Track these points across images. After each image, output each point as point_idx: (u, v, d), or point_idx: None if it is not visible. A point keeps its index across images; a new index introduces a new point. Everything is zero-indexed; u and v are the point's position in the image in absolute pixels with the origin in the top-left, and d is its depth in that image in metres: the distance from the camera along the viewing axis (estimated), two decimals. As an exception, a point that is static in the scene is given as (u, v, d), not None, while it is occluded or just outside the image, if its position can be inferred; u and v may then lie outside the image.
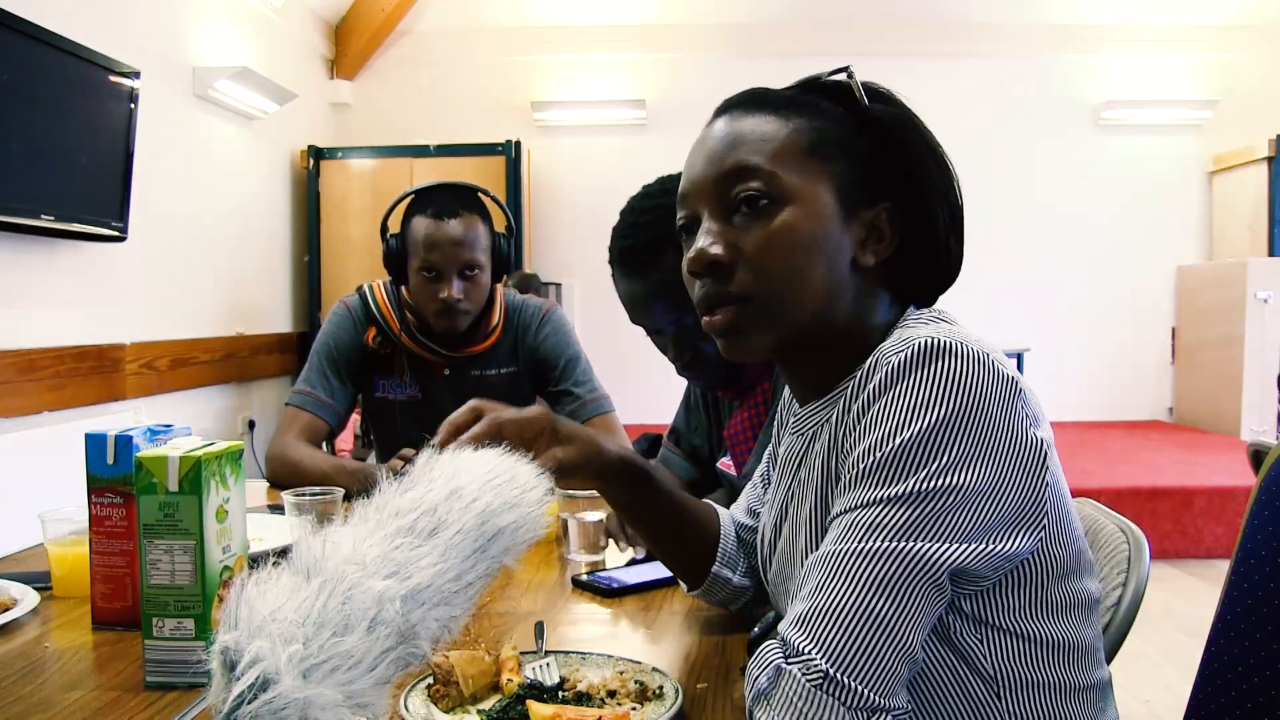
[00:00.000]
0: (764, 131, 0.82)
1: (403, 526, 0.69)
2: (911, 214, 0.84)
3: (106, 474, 1.02)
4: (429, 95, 5.76)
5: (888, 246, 0.83)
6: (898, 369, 0.72)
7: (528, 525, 0.76)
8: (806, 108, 0.84)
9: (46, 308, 3.11)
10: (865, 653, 0.66)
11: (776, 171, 0.80)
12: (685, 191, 0.86)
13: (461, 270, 1.86)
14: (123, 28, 3.47)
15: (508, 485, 0.76)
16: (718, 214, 0.82)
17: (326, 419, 1.92)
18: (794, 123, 0.82)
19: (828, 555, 0.71)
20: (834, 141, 0.82)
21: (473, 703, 0.84)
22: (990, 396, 0.71)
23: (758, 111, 0.83)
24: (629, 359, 5.60)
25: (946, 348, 0.71)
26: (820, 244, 0.80)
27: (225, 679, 0.58)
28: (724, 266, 0.81)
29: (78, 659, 0.97)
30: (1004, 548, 0.71)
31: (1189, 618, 3.30)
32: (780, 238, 0.79)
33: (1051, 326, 5.93)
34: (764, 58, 5.68)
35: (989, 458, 0.70)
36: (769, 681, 0.69)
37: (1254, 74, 5.83)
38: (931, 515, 0.68)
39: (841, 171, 0.82)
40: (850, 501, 0.72)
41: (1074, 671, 0.78)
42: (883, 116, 0.84)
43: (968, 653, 0.75)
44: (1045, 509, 0.73)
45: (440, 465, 0.76)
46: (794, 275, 0.80)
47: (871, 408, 0.73)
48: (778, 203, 0.80)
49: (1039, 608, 0.76)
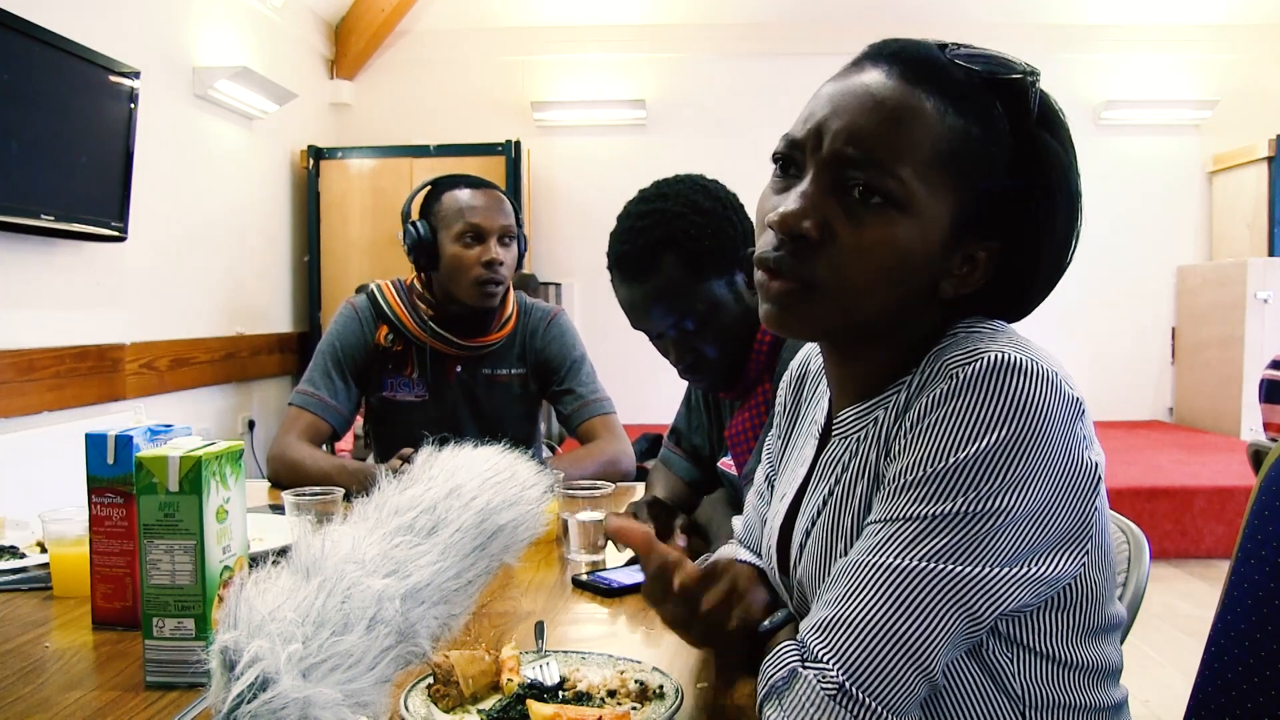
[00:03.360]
0: (909, 118, 0.71)
1: (402, 525, 0.69)
2: (1016, 260, 0.76)
3: (107, 474, 1.02)
4: (429, 95, 5.76)
5: (974, 285, 0.76)
6: (964, 382, 0.68)
7: (527, 523, 0.76)
8: (972, 105, 0.73)
9: (46, 308, 3.11)
10: (882, 670, 0.65)
11: (904, 174, 0.71)
12: (799, 138, 0.75)
13: (501, 236, 1.90)
14: (123, 28, 3.46)
15: (507, 483, 0.76)
16: (823, 180, 0.73)
17: (329, 420, 1.92)
18: (950, 120, 0.72)
19: (859, 564, 0.69)
20: (981, 159, 0.73)
21: (473, 703, 0.84)
22: (1055, 420, 0.67)
23: (913, 85, 0.72)
24: (628, 359, 5.60)
25: (1019, 366, 0.68)
26: (913, 265, 0.73)
27: (225, 678, 0.58)
28: (808, 243, 0.73)
29: (78, 659, 0.97)
30: (1044, 571, 0.69)
31: (1189, 618, 3.30)
32: (879, 247, 0.72)
33: (1051, 326, 5.90)
34: (764, 57, 5.68)
35: (1044, 481, 0.67)
36: (783, 682, 0.68)
37: (1254, 74, 5.83)
38: (974, 539, 0.66)
39: (970, 192, 0.73)
40: (892, 511, 0.70)
41: (1098, 693, 0.78)
42: (1043, 150, 0.75)
43: (998, 672, 0.74)
44: (1091, 534, 0.72)
45: (439, 463, 0.76)
46: (873, 287, 0.73)
47: (929, 416, 0.69)
48: (892, 206, 0.72)
49: (1077, 633, 0.75)
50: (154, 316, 3.75)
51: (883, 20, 5.73)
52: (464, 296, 1.90)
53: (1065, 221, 0.77)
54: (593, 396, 2.00)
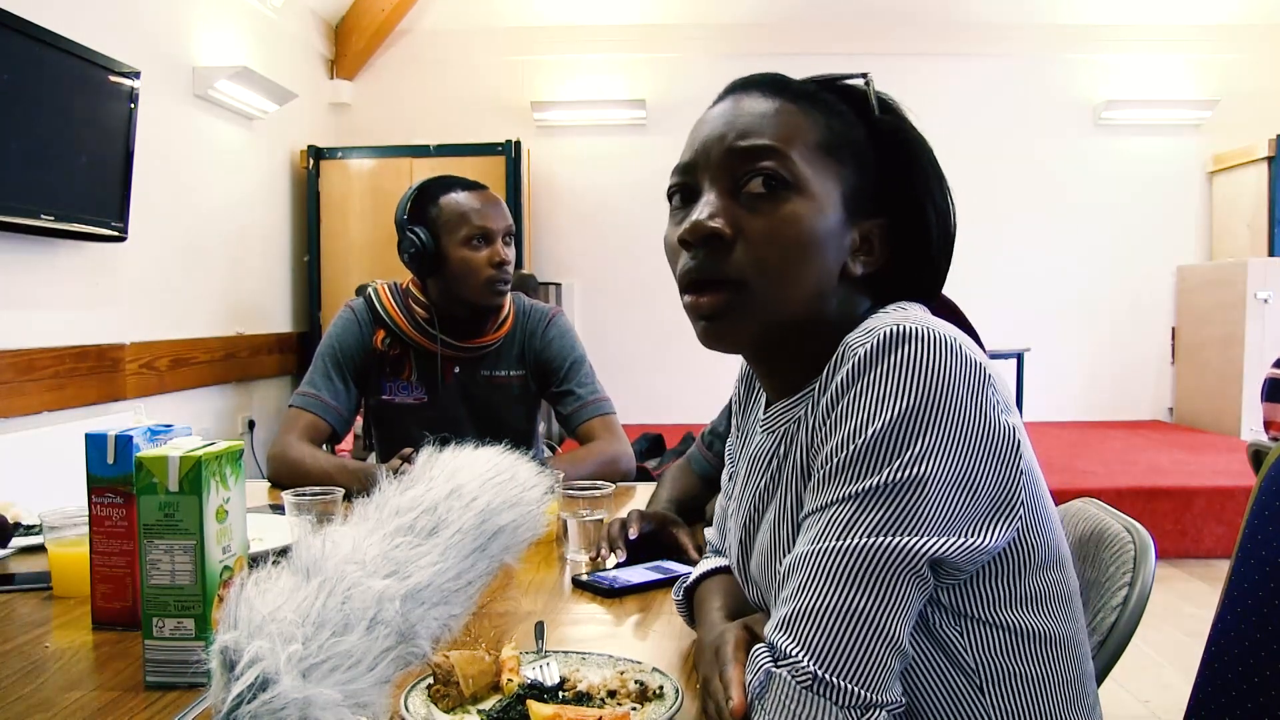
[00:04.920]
0: (784, 117, 0.80)
1: (402, 525, 0.69)
2: (905, 233, 0.83)
3: (107, 474, 1.02)
4: (429, 95, 5.76)
5: (876, 261, 0.83)
6: (864, 359, 0.71)
7: (528, 524, 0.76)
8: (823, 104, 0.82)
9: (46, 308, 3.11)
10: (851, 650, 0.66)
11: (793, 158, 0.78)
12: (689, 161, 0.82)
13: (504, 235, 1.91)
14: (123, 28, 3.47)
15: (508, 484, 0.76)
16: (723, 188, 0.79)
17: (329, 421, 1.92)
18: (812, 116, 0.80)
19: (805, 555, 0.70)
20: (848, 144, 0.81)
21: (473, 703, 0.84)
22: (958, 382, 0.69)
23: (776, 96, 0.81)
24: (628, 359, 5.63)
25: (910, 333, 0.70)
26: (821, 241, 0.78)
27: (225, 679, 0.58)
28: (722, 243, 0.78)
29: (78, 659, 0.97)
30: (981, 540, 0.70)
31: (1189, 618, 3.30)
32: (787, 226, 0.77)
33: (1051, 326, 5.93)
34: (764, 57, 5.67)
35: (960, 445, 0.69)
36: (760, 686, 0.69)
37: (1254, 74, 5.83)
38: (906, 508, 0.68)
39: (850, 176, 0.80)
40: (824, 499, 0.71)
41: (1055, 665, 0.77)
42: (896, 131, 0.83)
43: (948, 646, 0.75)
44: (1020, 498, 0.72)
45: (440, 464, 0.76)
46: (791, 268, 0.78)
47: (840, 401, 0.72)
48: (789, 189, 0.78)
49: (1017, 598, 0.75)
50: (154, 316, 3.75)
51: (882, 20, 5.73)
52: (473, 298, 1.90)
53: (939, 189, 0.84)
54: (592, 397, 1.99)
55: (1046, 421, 5.87)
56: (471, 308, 1.93)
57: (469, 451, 0.80)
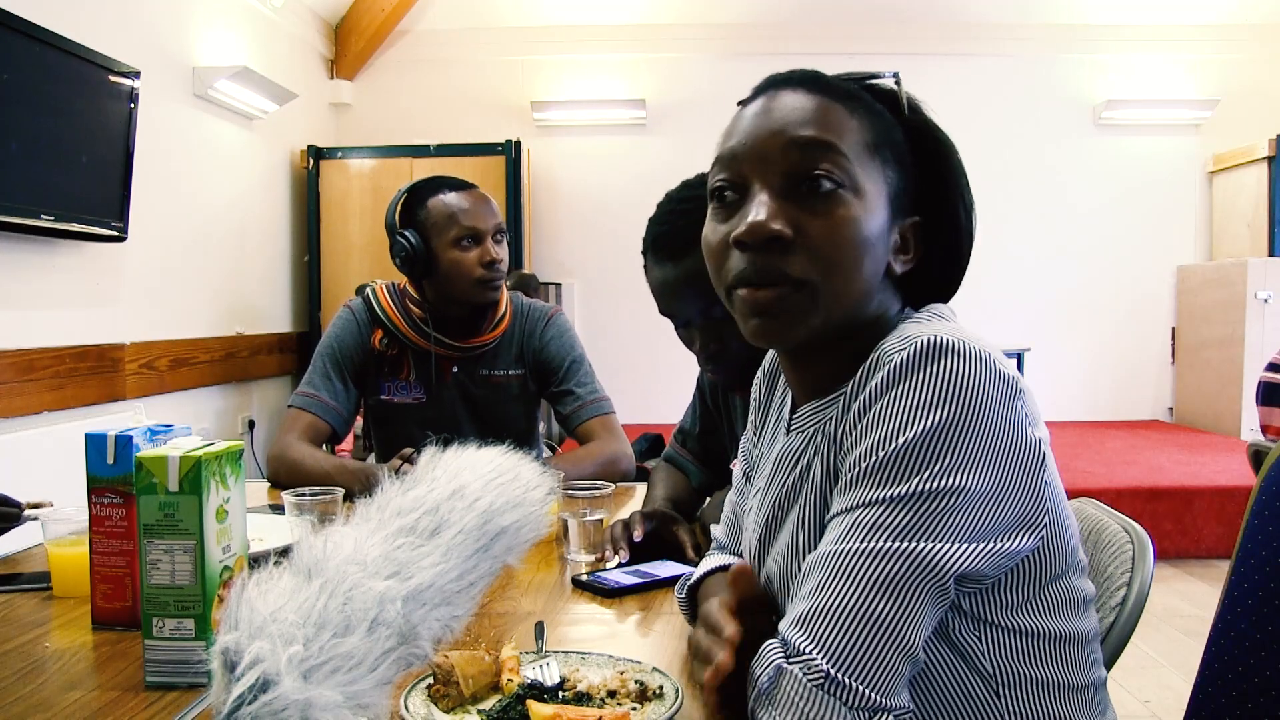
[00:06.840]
0: (835, 115, 0.79)
1: (404, 526, 0.69)
2: (935, 233, 0.85)
3: (106, 474, 1.02)
4: (429, 95, 5.76)
5: (912, 260, 0.84)
6: (900, 367, 0.71)
7: (530, 524, 0.76)
8: (864, 104, 0.81)
9: (46, 308, 3.11)
10: (866, 653, 0.66)
11: (851, 159, 0.77)
12: (737, 153, 0.80)
13: (494, 234, 1.91)
14: (123, 28, 3.46)
15: (511, 484, 0.76)
16: (777, 187, 0.78)
17: (329, 421, 1.92)
18: (858, 115, 0.80)
19: (828, 555, 0.71)
20: (890, 144, 0.81)
21: (473, 703, 0.84)
22: (992, 398, 0.70)
23: (820, 95, 0.80)
24: (628, 359, 5.62)
25: (948, 346, 0.71)
26: (874, 242, 0.78)
27: (225, 679, 0.58)
28: (780, 244, 0.77)
29: (78, 659, 0.97)
30: (1006, 548, 0.71)
31: (1189, 618, 3.30)
32: (845, 226, 0.77)
33: (1051, 326, 5.93)
34: (764, 57, 5.67)
35: (991, 460, 0.70)
36: (770, 681, 0.69)
37: (1254, 74, 5.83)
38: (934, 516, 0.68)
39: (892, 176, 0.81)
40: (851, 500, 0.72)
41: (1071, 671, 0.78)
42: (926, 130, 0.84)
43: (966, 650, 0.75)
44: (1045, 509, 0.74)
45: (442, 464, 0.76)
46: (849, 269, 0.77)
47: (874, 406, 0.72)
48: (845, 189, 0.77)
49: (1036, 604, 0.76)
50: (154, 316, 3.75)
51: (882, 20, 5.73)
52: (465, 297, 1.90)
53: (967, 187, 0.86)
54: (591, 397, 1.99)
55: (1046, 421, 5.79)
56: (465, 307, 1.93)
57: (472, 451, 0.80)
